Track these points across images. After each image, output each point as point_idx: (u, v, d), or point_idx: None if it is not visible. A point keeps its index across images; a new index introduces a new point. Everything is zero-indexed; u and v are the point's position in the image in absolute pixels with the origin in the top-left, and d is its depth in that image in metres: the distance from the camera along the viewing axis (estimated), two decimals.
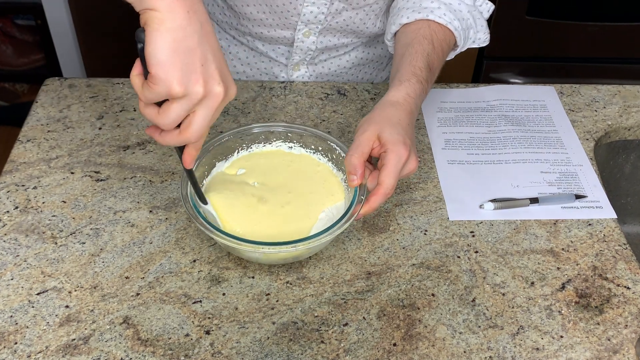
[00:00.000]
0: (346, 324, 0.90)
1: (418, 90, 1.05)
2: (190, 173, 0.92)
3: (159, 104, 0.79)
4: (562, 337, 0.90)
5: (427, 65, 1.09)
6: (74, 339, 0.87)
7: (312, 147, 1.06)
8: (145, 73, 0.76)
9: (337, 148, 1.03)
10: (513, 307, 0.93)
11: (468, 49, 1.26)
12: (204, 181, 1.01)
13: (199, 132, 0.81)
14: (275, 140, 1.07)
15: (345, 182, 1.01)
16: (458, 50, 1.22)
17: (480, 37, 1.25)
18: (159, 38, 0.74)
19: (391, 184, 0.94)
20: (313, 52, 1.30)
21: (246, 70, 1.37)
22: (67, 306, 0.91)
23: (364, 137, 0.96)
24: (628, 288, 0.97)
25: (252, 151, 1.07)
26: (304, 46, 1.28)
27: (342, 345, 0.88)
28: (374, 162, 1.00)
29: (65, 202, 1.05)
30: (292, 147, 1.07)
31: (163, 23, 0.74)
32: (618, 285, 0.97)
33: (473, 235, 1.03)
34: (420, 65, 1.08)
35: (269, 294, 0.93)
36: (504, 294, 0.95)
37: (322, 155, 1.06)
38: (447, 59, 1.21)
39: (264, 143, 1.07)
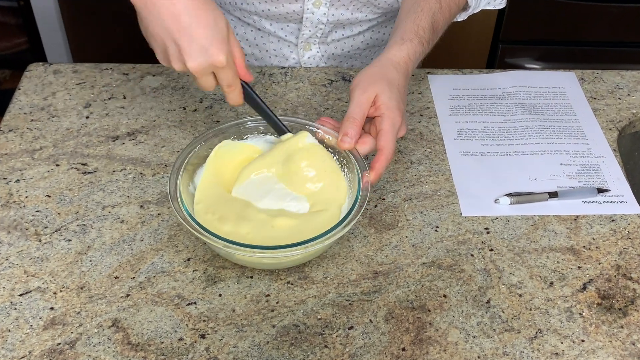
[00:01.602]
0: (351, 327, 0.90)
1: (419, 52, 1.09)
2: (254, 104, 1.03)
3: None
4: (583, 341, 0.90)
5: (431, 26, 1.11)
6: (59, 344, 0.87)
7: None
8: None
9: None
10: (531, 309, 0.93)
11: (483, 31, 1.26)
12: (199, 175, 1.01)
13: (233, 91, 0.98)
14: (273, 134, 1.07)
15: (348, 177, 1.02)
16: (470, 11, 1.23)
17: None
18: None
19: (392, 149, 0.99)
20: (324, 26, 1.29)
21: (254, 52, 1.36)
22: (52, 308, 0.91)
23: (365, 98, 1.00)
24: None
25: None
26: (314, 18, 1.28)
27: (347, 350, 0.87)
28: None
29: (49, 196, 1.05)
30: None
31: None
32: None
33: (488, 232, 1.03)
34: (425, 25, 1.10)
35: (268, 295, 0.93)
36: (520, 295, 0.95)
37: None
38: (459, 19, 1.23)
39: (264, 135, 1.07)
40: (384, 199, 1.07)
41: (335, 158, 1.02)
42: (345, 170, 1.01)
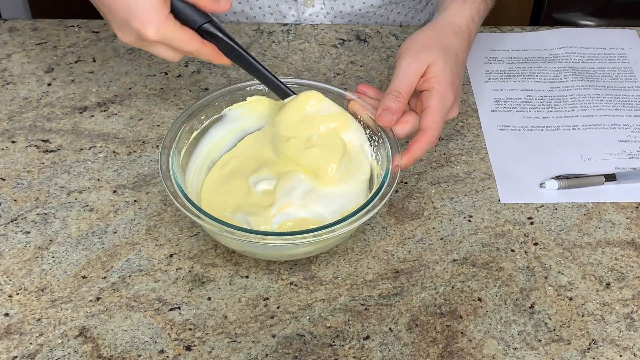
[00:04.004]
0: (367, 337, 0.90)
1: (482, 11, 1.08)
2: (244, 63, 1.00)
3: None
4: None
5: None
6: (16, 357, 0.86)
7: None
8: None
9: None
10: (583, 316, 0.93)
11: None
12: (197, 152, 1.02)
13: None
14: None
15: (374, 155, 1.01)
16: None
17: None
18: None
19: (437, 131, 0.97)
20: None
21: (245, 10, 1.35)
22: (6, 314, 0.90)
23: (415, 69, 0.99)
24: None
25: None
26: None
27: None
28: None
29: (4, 179, 1.05)
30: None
31: None
32: None
33: (531, 223, 1.03)
34: None
35: (267, 299, 0.93)
36: (571, 299, 0.94)
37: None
38: None
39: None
40: (406, 183, 1.07)
41: (367, 135, 1.02)
42: (374, 146, 1.01)
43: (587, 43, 1.32)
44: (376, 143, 1.00)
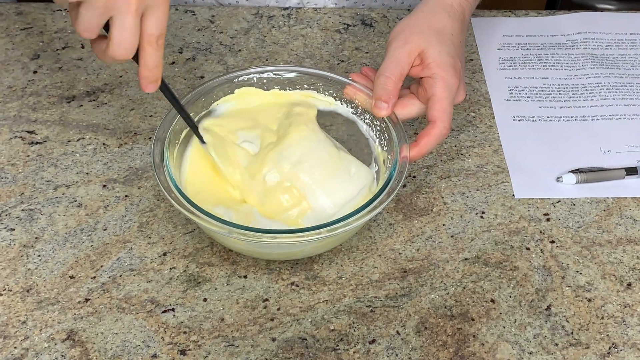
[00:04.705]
0: (373, 341, 0.89)
1: None
2: (170, 97, 0.93)
3: None
4: None
5: None
6: None
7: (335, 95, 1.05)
8: None
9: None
10: (603, 318, 0.92)
11: None
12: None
13: (122, 45, 0.83)
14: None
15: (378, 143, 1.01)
16: None
17: None
18: None
19: (448, 121, 0.97)
20: None
21: None
22: None
23: (404, 52, 0.98)
24: None
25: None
26: None
27: None
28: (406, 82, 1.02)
29: None
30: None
31: None
32: None
33: (548, 219, 1.03)
34: None
35: (267, 300, 0.93)
36: (590, 300, 0.94)
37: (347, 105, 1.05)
38: None
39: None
40: (414, 177, 1.06)
41: (367, 120, 1.02)
42: (378, 134, 1.01)
43: (607, 28, 1.32)
44: (378, 128, 1.00)
